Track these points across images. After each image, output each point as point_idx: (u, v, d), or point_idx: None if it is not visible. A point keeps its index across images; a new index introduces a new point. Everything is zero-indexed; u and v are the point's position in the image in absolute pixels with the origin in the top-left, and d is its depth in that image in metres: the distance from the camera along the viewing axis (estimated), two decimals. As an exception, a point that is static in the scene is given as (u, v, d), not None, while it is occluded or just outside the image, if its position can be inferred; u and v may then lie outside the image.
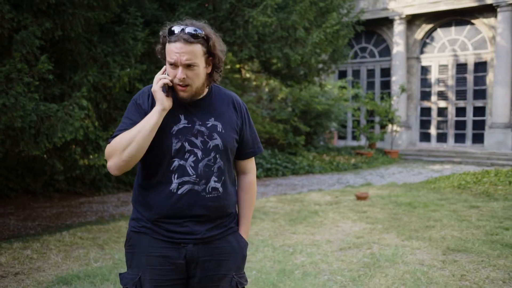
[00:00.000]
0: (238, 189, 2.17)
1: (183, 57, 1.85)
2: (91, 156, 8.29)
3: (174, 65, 1.87)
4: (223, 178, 1.99)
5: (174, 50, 1.85)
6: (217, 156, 1.97)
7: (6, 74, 4.72)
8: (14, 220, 6.87)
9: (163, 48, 1.93)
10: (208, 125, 1.97)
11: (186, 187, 1.91)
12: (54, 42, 6.19)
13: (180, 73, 1.87)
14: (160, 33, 1.94)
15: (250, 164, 2.19)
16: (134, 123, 1.90)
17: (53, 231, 6.11)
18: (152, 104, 1.93)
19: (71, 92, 6.15)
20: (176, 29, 1.86)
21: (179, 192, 1.91)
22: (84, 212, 7.59)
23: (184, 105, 1.96)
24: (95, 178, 9.35)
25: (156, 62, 7.47)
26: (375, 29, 19.54)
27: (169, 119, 1.92)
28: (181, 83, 1.89)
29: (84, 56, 6.39)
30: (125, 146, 1.83)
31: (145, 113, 1.92)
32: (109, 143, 1.90)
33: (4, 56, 5.35)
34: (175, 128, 1.92)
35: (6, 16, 4.88)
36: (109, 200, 8.68)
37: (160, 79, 1.89)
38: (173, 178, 1.91)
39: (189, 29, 1.86)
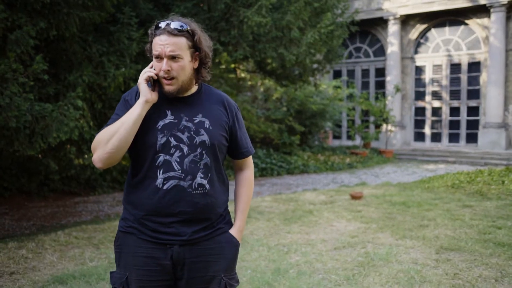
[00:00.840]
0: (235, 185, 2.20)
1: (167, 48, 1.88)
2: (85, 156, 8.29)
3: (159, 57, 1.90)
4: (209, 175, 1.98)
5: (158, 43, 1.89)
6: (204, 152, 1.96)
7: (0, 74, 4.71)
8: (9, 220, 6.86)
9: (151, 44, 1.96)
10: (195, 121, 1.97)
11: (171, 183, 1.90)
12: (49, 42, 6.18)
13: (164, 64, 1.89)
14: (149, 31, 1.97)
15: (247, 162, 2.22)
16: (120, 118, 1.92)
17: (48, 231, 6.11)
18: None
19: (66, 92, 6.15)
20: (162, 24, 1.91)
21: (165, 187, 1.90)
22: (79, 212, 7.59)
23: (172, 101, 1.97)
24: (90, 177, 9.35)
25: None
26: (370, 29, 19.60)
27: (156, 114, 1.93)
28: (166, 76, 1.90)
29: (79, 56, 6.39)
30: (109, 138, 1.85)
31: None
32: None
33: (-1, 56, 5.34)
34: (161, 123, 1.93)
35: (0, 15, 4.88)
36: (104, 200, 8.68)
37: (145, 72, 1.92)
38: (158, 174, 1.91)
39: (174, 23, 1.90)
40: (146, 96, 1.89)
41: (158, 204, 1.91)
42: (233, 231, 2.10)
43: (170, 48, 1.88)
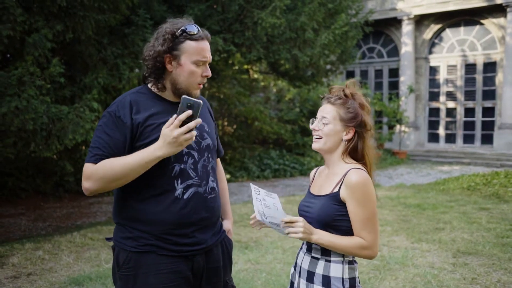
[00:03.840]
0: None
1: (210, 55, 1.90)
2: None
3: (203, 63, 1.87)
4: (215, 177, 2.01)
5: (205, 48, 1.87)
6: (209, 155, 1.97)
7: (18, 77, 4.76)
8: (25, 220, 6.93)
9: (173, 49, 1.83)
10: (197, 126, 1.93)
11: (191, 191, 1.87)
12: (65, 45, 6.24)
13: (209, 71, 1.90)
14: (166, 30, 1.84)
15: (219, 160, 2.28)
16: (114, 141, 1.79)
17: (64, 232, 6.16)
18: (136, 115, 1.82)
19: (82, 94, 6.20)
20: (194, 28, 1.85)
21: (185, 196, 1.86)
22: (94, 213, 7.64)
23: (171, 109, 1.88)
24: (104, 178, 9.40)
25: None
26: (383, 29, 19.47)
27: (162, 124, 1.81)
28: (204, 81, 1.92)
29: (94, 58, 6.44)
30: (115, 178, 1.75)
31: (128, 128, 1.81)
32: (90, 162, 1.78)
33: (16, 59, 5.40)
34: None
35: (18, 19, 4.93)
36: (118, 201, 8.72)
37: (192, 136, 1.72)
38: (176, 184, 1.85)
39: (202, 29, 1.90)
40: (175, 152, 1.75)
41: (179, 215, 1.85)
42: (229, 224, 2.18)
43: (210, 55, 1.91)
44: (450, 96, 18.69)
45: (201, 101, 1.73)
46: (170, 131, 1.69)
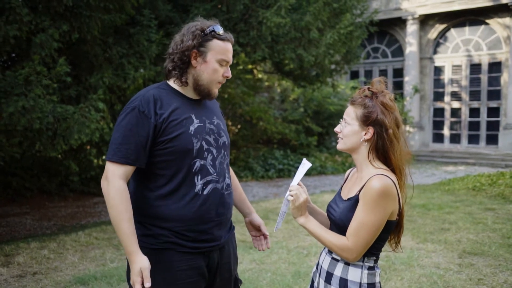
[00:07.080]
0: None
1: (231, 58, 1.97)
2: (104, 157, 8.37)
3: (226, 63, 1.93)
4: (229, 174, 2.06)
5: (229, 49, 1.94)
6: (225, 152, 2.01)
7: (25, 76, 4.77)
8: (30, 219, 6.95)
9: (200, 45, 1.89)
10: (215, 123, 2.01)
11: (210, 187, 1.90)
12: (70, 44, 6.25)
13: (229, 71, 1.96)
14: (197, 27, 1.91)
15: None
16: (140, 140, 1.81)
17: (69, 231, 6.17)
18: (160, 110, 1.85)
19: (87, 93, 6.22)
20: (220, 29, 1.93)
21: (205, 192, 1.88)
22: (99, 212, 7.65)
23: (191, 106, 1.95)
24: (109, 178, 9.41)
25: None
26: (388, 29, 19.41)
27: (184, 120, 1.89)
28: (224, 81, 1.97)
29: (99, 58, 6.45)
30: (112, 217, 1.83)
31: (152, 124, 1.82)
32: (117, 161, 1.81)
33: (23, 59, 5.42)
34: (192, 128, 1.90)
35: (24, 19, 4.95)
36: (123, 200, 8.73)
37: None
38: (196, 180, 1.87)
39: (227, 31, 1.98)
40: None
41: (199, 211, 1.87)
42: (258, 217, 2.22)
43: (232, 58, 1.97)
44: (455, 96, 18.61)
45: None
46: (134, 275, 1.75)
